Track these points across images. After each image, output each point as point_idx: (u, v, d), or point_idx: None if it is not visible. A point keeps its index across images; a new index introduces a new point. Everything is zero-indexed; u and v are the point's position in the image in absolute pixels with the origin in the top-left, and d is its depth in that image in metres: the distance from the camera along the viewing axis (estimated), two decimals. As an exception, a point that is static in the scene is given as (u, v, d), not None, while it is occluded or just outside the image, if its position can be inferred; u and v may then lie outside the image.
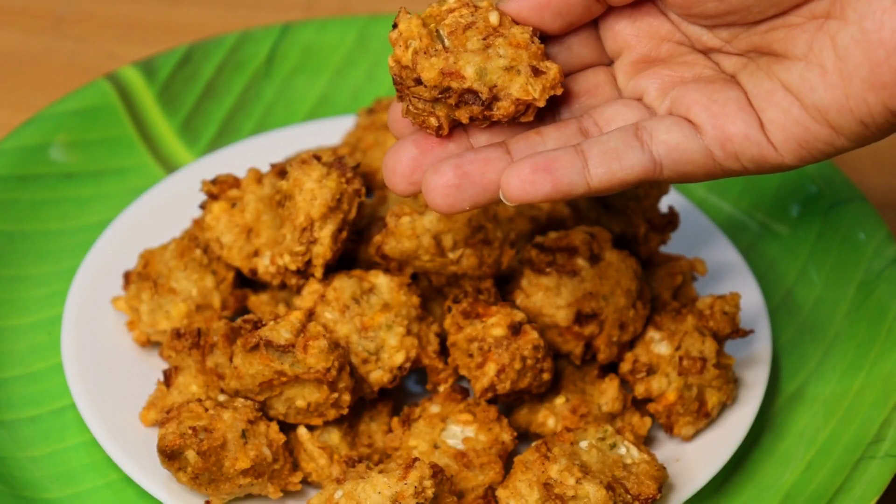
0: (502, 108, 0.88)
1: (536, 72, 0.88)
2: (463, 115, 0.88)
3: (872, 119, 0.84)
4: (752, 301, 1.10)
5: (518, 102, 0.88)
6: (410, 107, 0.89)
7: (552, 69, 0.88)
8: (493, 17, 0.89)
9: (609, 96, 0.92)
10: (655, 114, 0.90)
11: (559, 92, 0.88)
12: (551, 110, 0.91)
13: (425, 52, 0.87)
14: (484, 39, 0.88)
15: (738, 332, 1.03)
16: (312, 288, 1.02)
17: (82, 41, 1.39)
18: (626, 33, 0.91)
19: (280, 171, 1.06)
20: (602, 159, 0.86)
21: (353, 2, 1.44)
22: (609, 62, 0.92)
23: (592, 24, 0.92)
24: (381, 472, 0.92)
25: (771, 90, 0.86)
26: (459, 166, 0.87)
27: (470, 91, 0.88)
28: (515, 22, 0.89)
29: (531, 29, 0.89)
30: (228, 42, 1.29)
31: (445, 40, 0.88)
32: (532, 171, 0.85)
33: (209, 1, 1.43)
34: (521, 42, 0.88)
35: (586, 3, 0.89)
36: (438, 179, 0.86)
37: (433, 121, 0.88)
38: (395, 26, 0.88)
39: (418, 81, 0.88)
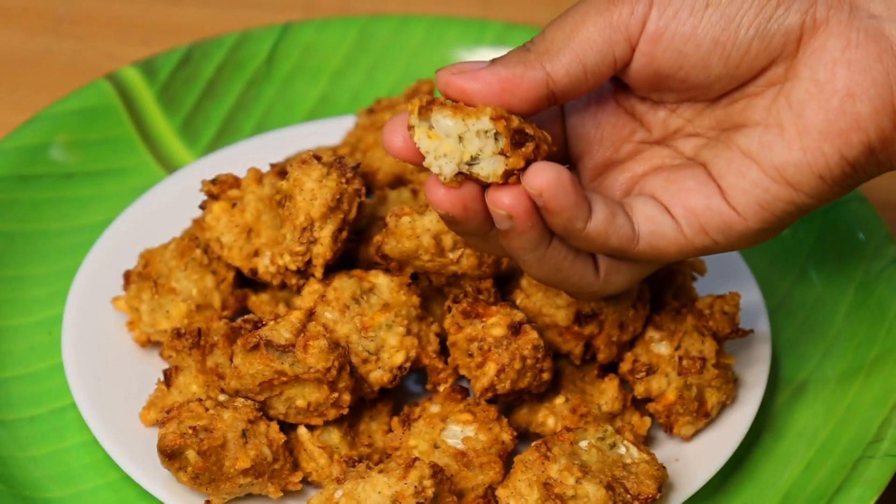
0: None
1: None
2: None
3: (829, 171, 0.86)
4: (752, 301, 1.10)
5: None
6: None
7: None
8: None
9: None
10: None
11: None
12: None
13: None
14: None
15: (738, 332, 1.03)
16: (312, 288, 1.02)
17: (82, 41, 1.39)
18: (589, 137, 0.92)
19: (280, 171, 1.06)
20: (601, 206, 0.87)
21: (353, 2, 1.44)
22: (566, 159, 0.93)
23: (560, 121, 0.92)
24: (381, 471, 0.93)
25: (729, 158, 0.88)
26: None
27: None
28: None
29: None
30: (228, 42, 1.29)
31: None
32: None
33: (209, 1, 1.44)
34: None
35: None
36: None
37: None
38: None
39: None
